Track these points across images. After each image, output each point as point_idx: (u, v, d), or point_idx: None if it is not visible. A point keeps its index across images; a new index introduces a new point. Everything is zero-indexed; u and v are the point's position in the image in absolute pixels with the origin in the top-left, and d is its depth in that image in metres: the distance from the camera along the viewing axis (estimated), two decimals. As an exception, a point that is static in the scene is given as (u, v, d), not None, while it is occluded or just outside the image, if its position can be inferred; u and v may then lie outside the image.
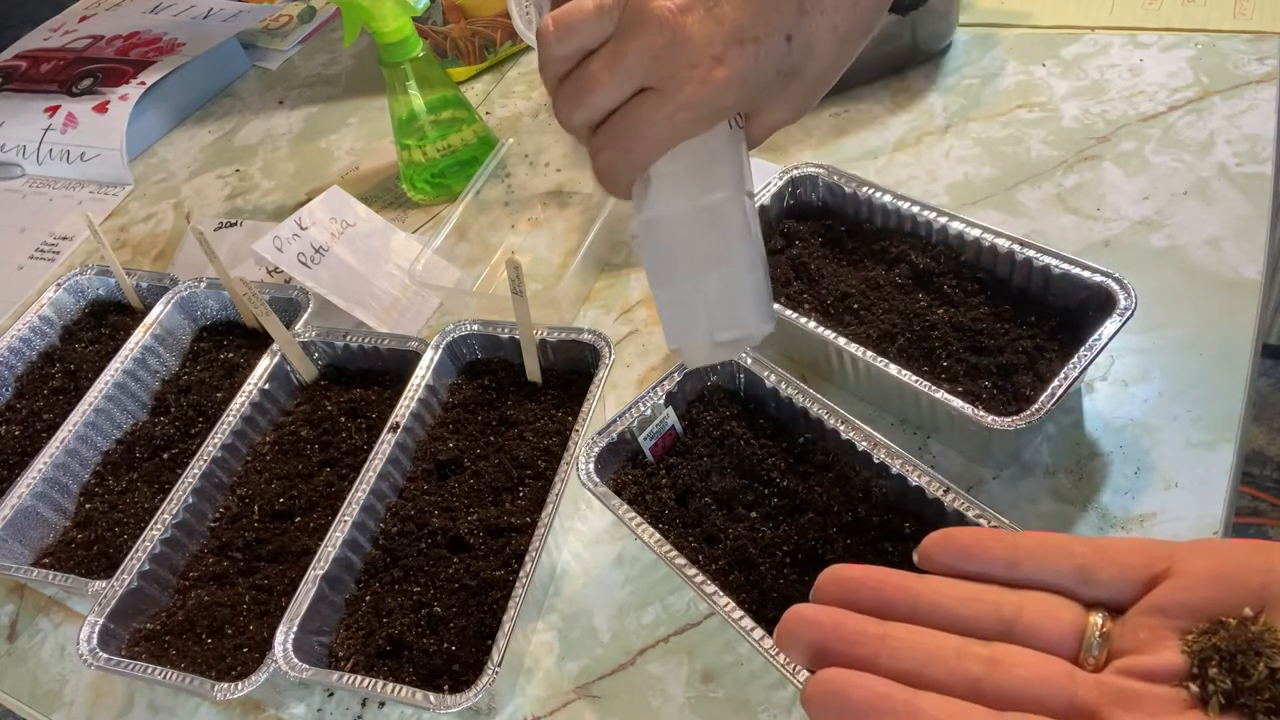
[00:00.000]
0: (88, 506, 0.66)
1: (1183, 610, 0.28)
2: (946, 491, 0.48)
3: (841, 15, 0.39)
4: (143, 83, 1.04)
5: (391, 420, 0.60)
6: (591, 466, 0.53)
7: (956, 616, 0.30)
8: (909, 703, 0.27)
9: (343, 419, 0.65)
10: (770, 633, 0.44)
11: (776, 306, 0.58)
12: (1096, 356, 0.50)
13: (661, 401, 0.56)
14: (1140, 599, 0.29)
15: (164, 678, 0.52)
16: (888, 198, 0.62)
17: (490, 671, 0.47)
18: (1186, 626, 0.28)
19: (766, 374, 0.55)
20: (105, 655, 0.53)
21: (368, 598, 0.55)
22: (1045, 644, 0.29)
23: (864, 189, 0.63)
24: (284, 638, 0.51)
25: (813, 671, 0.29)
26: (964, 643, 0.29)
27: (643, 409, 0.55)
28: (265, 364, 0.66)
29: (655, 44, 0.37)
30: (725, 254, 0.41)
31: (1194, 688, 0.27)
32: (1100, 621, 0.29)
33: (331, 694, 0.56)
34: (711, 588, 0.47)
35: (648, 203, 0.41)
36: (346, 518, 0.56)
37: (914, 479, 0.49)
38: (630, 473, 0.55)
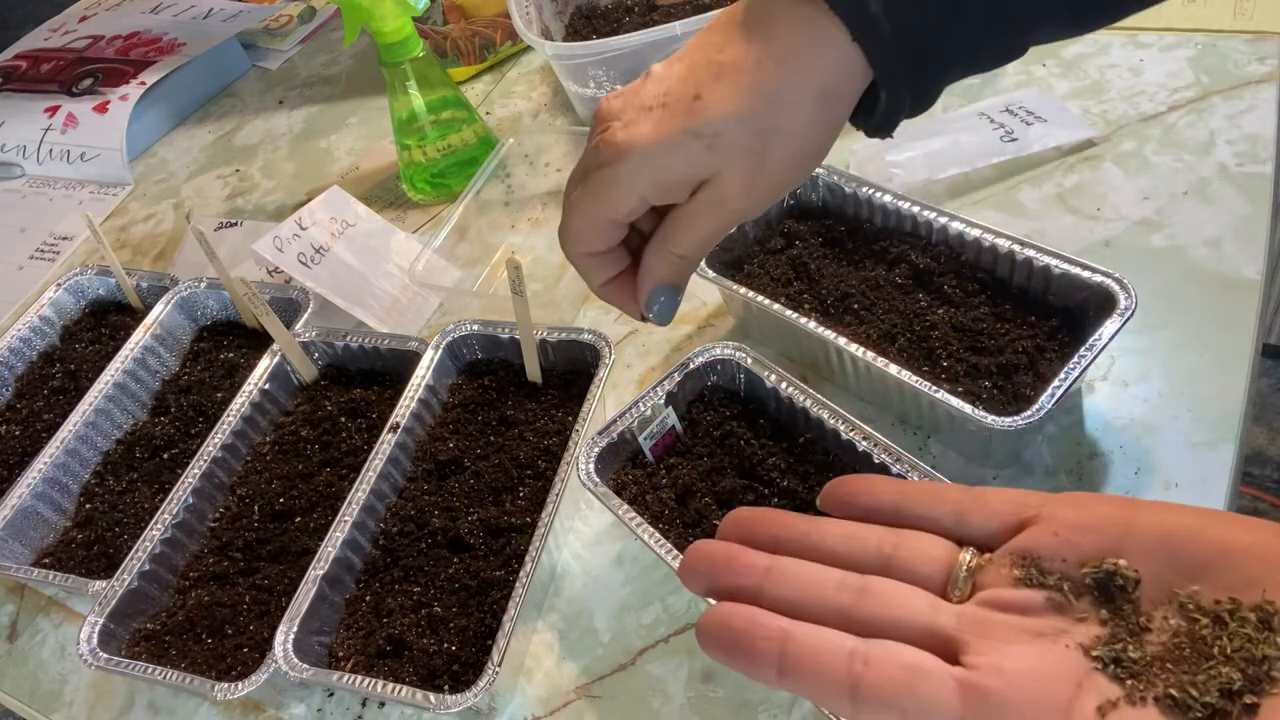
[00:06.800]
0: (88, 506, 0.66)
1: (1045, 552, 0.30)
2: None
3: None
4: (143, 83, 1.04)
5: (391, 420, 0.60)
6: (591, 466, 0.53)
7: (838, 553, 0.32)
8: (782, 629, 0.29)
9: (343, 419, 0.65)
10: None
11: (777, 307, 0.58)
12: (1097, 357, 0.50)
13: (662, 401, 0.56)
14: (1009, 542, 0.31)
15: (164, 678, 0.52)
16: (888, 198, 0.62)
17: (490, 671, 0.47)
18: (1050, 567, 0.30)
19: (767, 374, 0.55)
20: (105, 655, 0.53)
21: (368, 598, 0.55)
22: (916, 578, 0.31)
23: (864, 189, 0.63)
24: (284, 638, 0.51)
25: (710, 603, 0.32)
26: (842, 575, 0.31)
27: (643, 409, 0.55)
28: (265, 364, 0.66)
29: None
30: None
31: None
32: (969, 559, 0.31)
33: (331, 694, 0.56)
34: (711, 588, 0.47)
35: None
36: (346, 518, 0.56)
37: (914, 479, 0.49)
38: (630, 473, 0.55)
